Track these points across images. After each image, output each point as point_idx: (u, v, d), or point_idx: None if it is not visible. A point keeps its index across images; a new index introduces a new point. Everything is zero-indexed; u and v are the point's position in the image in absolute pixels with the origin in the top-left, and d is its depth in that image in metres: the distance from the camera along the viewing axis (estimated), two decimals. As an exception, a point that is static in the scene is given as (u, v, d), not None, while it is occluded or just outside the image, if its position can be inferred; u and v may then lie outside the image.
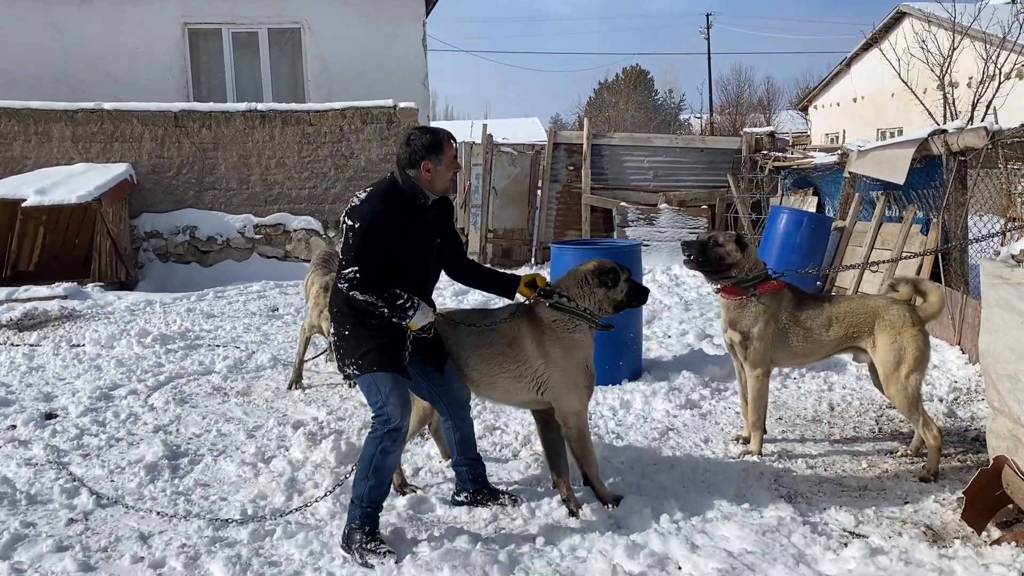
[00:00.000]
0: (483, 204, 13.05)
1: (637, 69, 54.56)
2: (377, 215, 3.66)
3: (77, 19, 14.41)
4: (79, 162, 12.45)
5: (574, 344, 4.03)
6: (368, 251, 3.65)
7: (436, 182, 3.82)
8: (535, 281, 4.11)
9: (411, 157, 3.77)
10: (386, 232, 3.68)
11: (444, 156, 3.79)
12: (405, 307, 3.71)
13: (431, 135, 3.80)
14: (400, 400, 3.75)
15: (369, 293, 3.66)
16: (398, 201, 3.75)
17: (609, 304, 4.13)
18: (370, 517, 3.75)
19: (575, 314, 4.03)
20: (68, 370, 7.08)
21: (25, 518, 4.20)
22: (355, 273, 3.62)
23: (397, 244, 3.72)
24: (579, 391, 4.06)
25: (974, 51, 12.51)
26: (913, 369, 4.50)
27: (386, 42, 15.03)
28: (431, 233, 3.89)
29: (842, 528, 3.92)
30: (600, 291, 4.08)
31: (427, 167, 3.77)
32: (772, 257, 9.35)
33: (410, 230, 3.77)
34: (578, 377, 4.05)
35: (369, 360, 3.74)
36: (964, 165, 7.50)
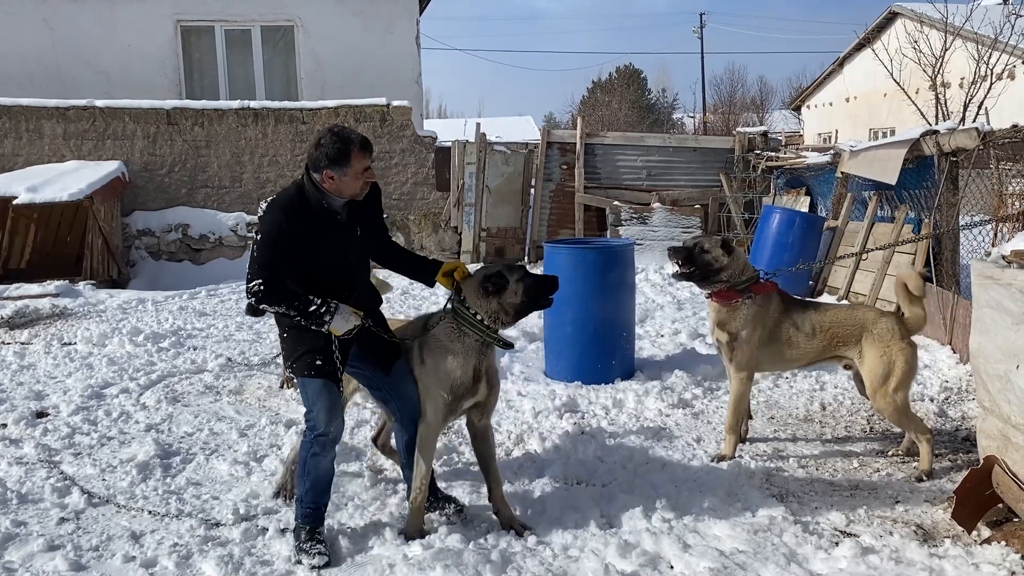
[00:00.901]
0: (476, 203, 13.04)
1: (630, 68, 54.56)
2: (278, 225, 3.54)
3: (69, 16, 14.35)
4: (71, 159, 12.40)
5: (448, 352, 3.80)
6: (271, 262, 3.53)
7: (342, 190, 3.63)
8: (454, 272, 3.92)
9: (315, 162, 3.59)
10: (290, 242, 3.54)
11: (351, 168, 3.57)
12: (320, 313, 3.56)
13: (340, 144, 3.55)
14: (326, 407, 3.68)
15: (277, 304, 3.56)
16: (301, 209, 3.59)
17: (507, 312, 3.81)
18: (311, 518, 3.76)
19: (468, 324, 3.79)
20: (59, 368, 7.05)
21: (16, 517, 4.19)
22: (259, 286, 3.51)
23: (306, 251, 3.59)
24: (435, 403, 3.81)
25: (966, 52, 12.57)
26: (901, 383, 4.52)
27: (379, 40, 15.01)
28: (344, 233, 3.70)
29: (833, 527, 3.94)
30: (491, 300, 3.78)
31: (329, 175, 3.58)
32: (764, 257, 9.38)
33: (317, 236, 3.60)
34: (440, 388, 3.79)
35: (301, 364, 3.70)
36: (956, 166, 7.53)
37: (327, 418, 3.69)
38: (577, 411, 5.71)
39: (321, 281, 3.65)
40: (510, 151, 13.77)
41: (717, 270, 4.73)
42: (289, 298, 3.56)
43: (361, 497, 4.35)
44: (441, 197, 13.26)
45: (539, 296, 3.87)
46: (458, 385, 3.81)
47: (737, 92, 51.54)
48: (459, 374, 3.80)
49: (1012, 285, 3.70)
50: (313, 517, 3.77)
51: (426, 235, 13.21)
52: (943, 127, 7.84)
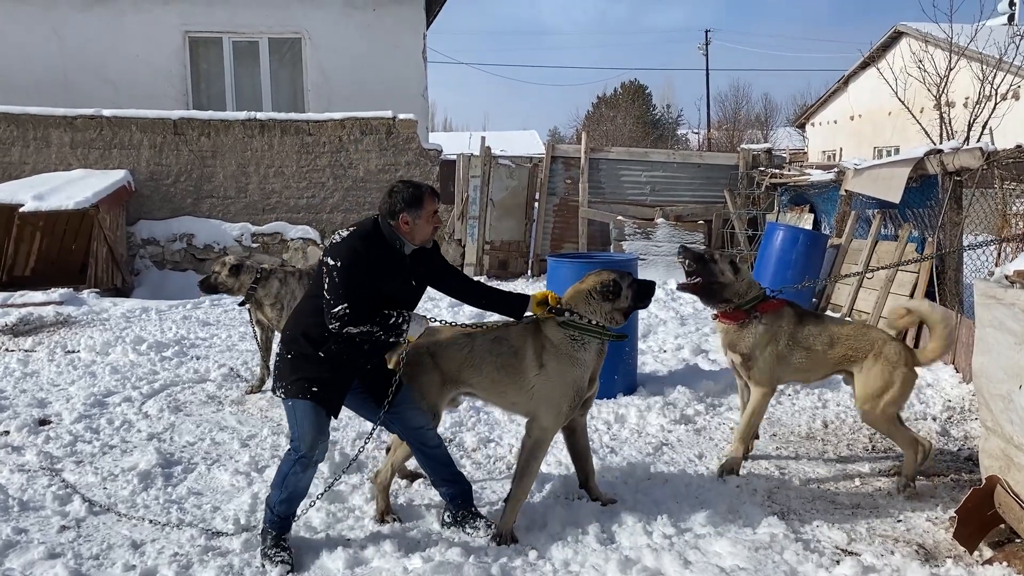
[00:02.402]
0: (480, 216, 13.07)
1: (635, 84, 54.70)
2: (357, 253, 3.76)
3: (78, 25, 14.45)
4: (77, 168, 12.44)
5: (573, 362, 4.05)
6: (354, 287, 3.73)
7: (415, 234, 3.90)
8: (547, 299, 4.18)
9: (391, 208, 3.85)
10: (364, 269, 3.77)
11: (424, 211, 3.86)
12: (399, 324, 3.82)
13: (413, 190, 3.88)
14: (314, 432, 3.81)
15: (362, 324, 3.75)
16: (376, 243, 3.85)
17: (618, 314, 4.17)
18: (278, 525, 3.87)
19: (586, 331, 4.07)
20: (62, 376, 7.06)
21: (17, 524, 4.19)
22: (345, 310, 3.70)
23: (374, 283, 3.80)
24: (558, 410, 4.05)
25: (971, 71, 12.58)
26: (892, 401, 4.59)
27: (386, 54, 15.10)
28: (407, 278, 3.96)
29: (835, 545, 3.93)
30: (607, 304, 4.11)
31: (405, 219, 3.85)
32: (768, 273, 9.38)
33: (386, 272, 3.85)
34: (564, 396, 4.04)
35: (297, 387, 3.82)
36: (960, 185, 7.54)
37: (312, 442, 3.81)
38: (579, 426, 5.70)
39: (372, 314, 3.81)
40: (514, 165, 13.82)
41: (722, 285, 4.73)
42: (372, 316, 3.76)
43: (362, 509, 4.35)
44: (445, 210, 13.29)
45: (641, 299, 4.25)
46: (581, 389, 4.08)
47: (742, 109, 51.65)
48: (582, 383, 4.07)
49: (1015, 305, 3.70)
50: (280, 524, 3.87)
51: (430, 248, 13.21)
52: (947, 146, 7.86)
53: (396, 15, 15.19)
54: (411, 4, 15.24)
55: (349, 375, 3.90)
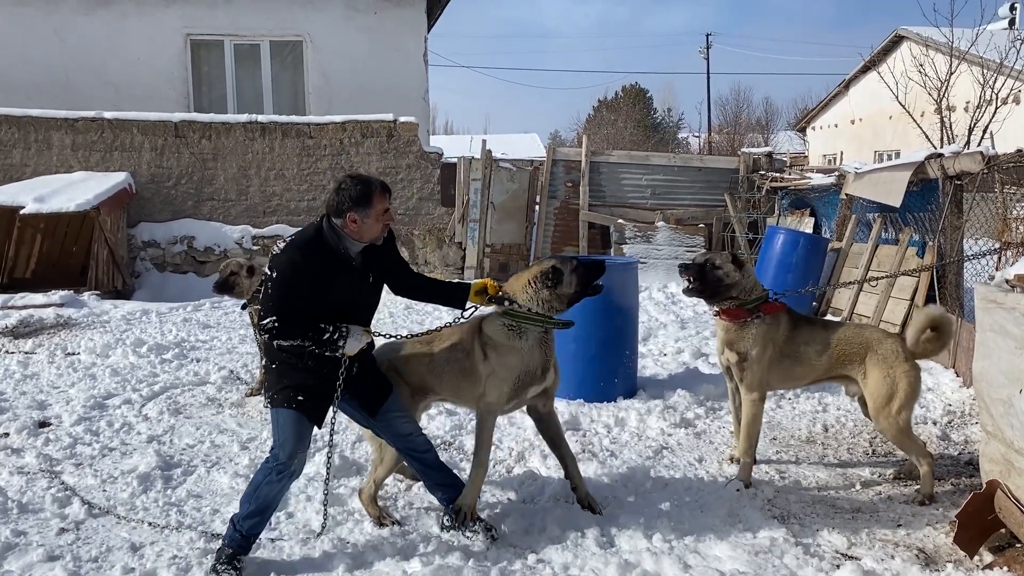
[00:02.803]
0: (481, 219, 13.07)
1: (636, 87, 54.75)
2: (294, 265, 3.62)
3: (79, 28, 14.48)
4: (78, 170, 12.47)
5: (510, 350, 4.06)
6: (285, 301, 3.62)
7: (363, 233, 3.74)
8: (486, 288, 4.15)
9: (338, 206, 3.69)
10: (305, 281, 3.63)
11: (372, 209, 3.70)
12: (334, 339, 3.69)
13: (362, 186, 3.70)
14: (295, 442, 3.73)
15: (292, 338, 3.66)
16: (317, 251, 3.69)
17: (560, 301, 4.13)
18: (239, 544, 3.73)
19: (524, 319, 4.06)
20: (62, 378, 7.06)
21: (16, 527, 4.19)
22: (273, 322, 3.61)
23: (318, 293, 3.68)
24: (499, 390, 4.05)
25: (971, 76, 12.60)
26: (904, 404, 4.49)
27: (387, 57, 15.12)
28: (357, 279, 3.83)
29: (835, 550, 3.92)
30: (545, 292, 4.08)
31: (353, 218, 3.69)
32: (768, 277, 9.38)
33: (330, 280, 3.71)
34: (504, 380, 4.05)
35: (283, 397, 3.75)
36: (960, 189, 7.54)
37: (292, 451, 3.73)
38: (579, 429, 5.71)
39: (324, 321, 3.71)
40: (515, 168, 13.82)
41: (728, 286, 4.70)
42: (302, 330, 3.65)
43: (362, 512, 4.34)
44: (446, 213, 13.30)
45: (588, 284, 4.18)
46: (524, 375, 4.08)
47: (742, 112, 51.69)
48: (523, 367, 4.07)
49: (1016, 309, 3.70)
50: (241, 544, 3.74)
51: (430, 250, 13.24)
52: (948, 150, 7.86)
53: (397, 18, 15.21)
54: (412, 7, 15.27)
55: (333, 383, 3.82)
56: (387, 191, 3.79)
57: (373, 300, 3.98)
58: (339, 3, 15.10)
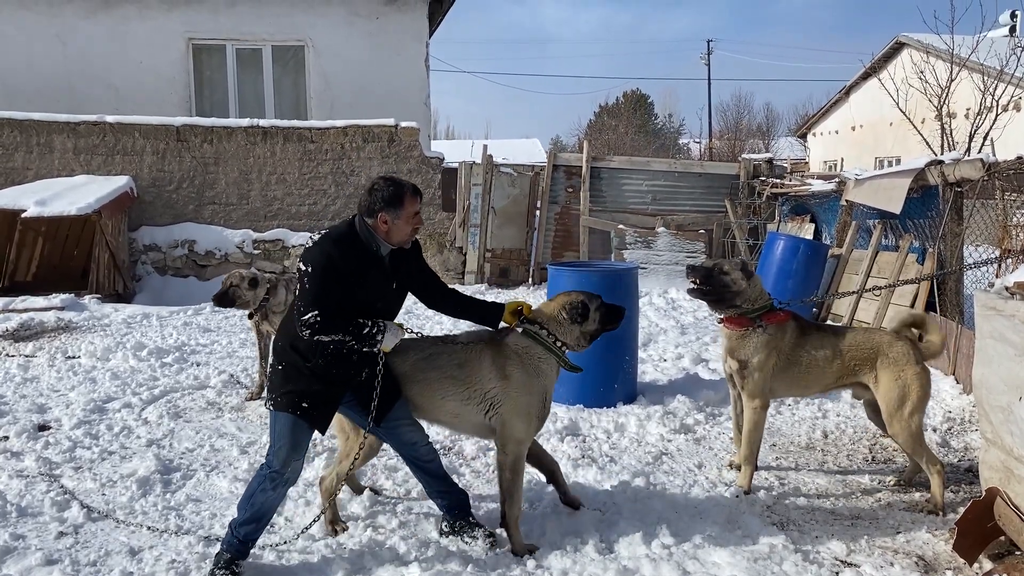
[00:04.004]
0: (482, 223, 13.09)
1: (637, 93, 54.83)
2: (330, 258, 3.65)
3: (82, 32, 14.51)
4: (80, 174, 12.48)
5: (539, 372, 3.99)
6: (326, 293, 3.63)
7: (393, 234, 3.78)
8: (521, 310, 4.11)
9: (370, 206, 3.73)
10: (339, 275, 3.67)
11: (404, 211, 3.74)
12: (373, 334, 3.71)
13: (395, 188, 3.74)
14: (290, 446, 3.70)
15: (334, 333, 3.65)
16: (351, 246, 3.73)
17: (584, 337, 4.11)
18: (236, 549, 3.72)
19: (548, 349, 4.02)
20: (63, 382, 7.06)
21: (15, 530, 4.19)
22: (315, 317, 3.60)
23: (350, 288, 3.70)
24: (529, 420, 3.97)
25: (972, 82, 12.60)
26: (917, 407, 4.48)
27: (389, 62, 15.14)
28: (385, 281, 3.85)
29: (834, 557, 3.91)
30: (574, 327, 4.06)
31: (384, 219, 3.73)
32: (768, 283, 9.35)
33: (362, 276, 3.74)
34: (532, 405, 3.96)
35: (286, 401, 3.72)
36: (960, 196, 7.55)
37: (287, 457, 3.69)
38: (578, 434, 5.70)
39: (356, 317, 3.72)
40: (516, 173, 13.83)
41: (734, 293, 4.68)
42: (344, 324, 3.67)
43: (362, 517, 4.35)
44: (447, 217, 13.31)
45: (608, 322, 4.17)
46: (548, 402, 4.04)
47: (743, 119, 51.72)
48: (547, 394, 4.02)
49: (1015, 316, 3.70)
50: (239, 549, 3.73)
51: (431, 255, 13.25)
52: (948, 157, 7.86)
53: (399, 23, 15.24)
54: (414, 12, 15.30)
55: (341, 388, 3.82)
56: (418, 194, 3.84)
57: (395, 307, 3.99)
58: (341, 8, 15.14)
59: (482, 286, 12.79)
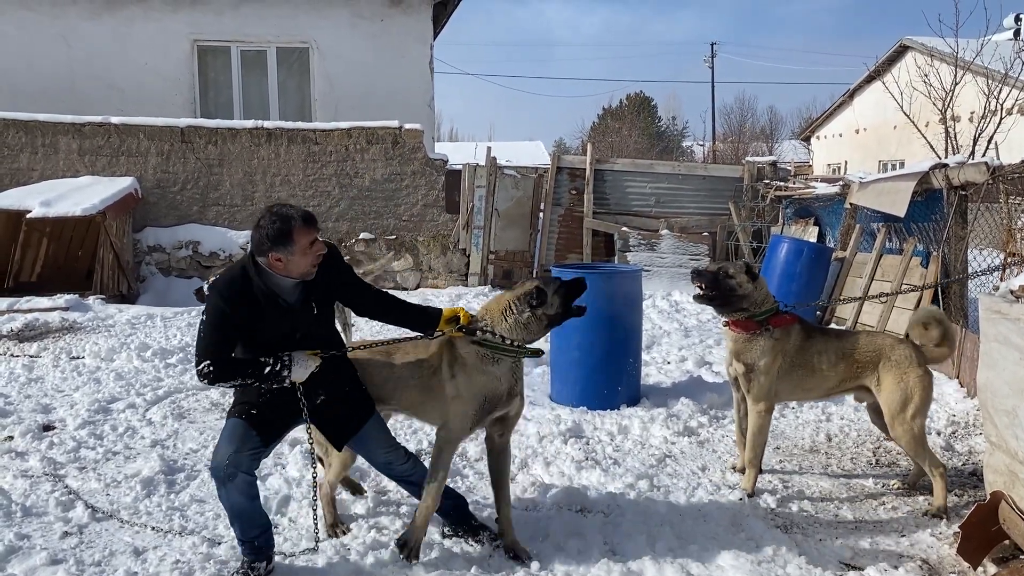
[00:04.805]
0: (485, 226, 13.10)
1: (641, 96, 54.90)
2: (219, 310, 3.48)
3: (86, 33, 14.54)
4: (85, 175, 12.51)
5: (482, 372, 3.84)
6: (215, 343, 3.48)
7: (291, 269, 3.53)
8: (457, 317, 3.89)
9: (259, 245, 3.49)
10: (232, 324, 3.49)
11: (295, 246, 3.47)
12: (277, 371, 3.53)
13: (280, 223, 3.46)
14: (227, 443, 3.59)
15: (231, 379, 3.52)
16: (243, 291, 3.51)
17: (541, 323, 3.88)
18: (245, 551, 3.70)
19: (496, 349, 3.83)
20: (67, 382, 7.08)
21: (20, 530, 4.19)
22: (208, 367, 3.45)
23: (250, 333, 3.55)
24: (465, 416, 3.83)
25: (976, 86, 12.62)
26: (919, 410, 4.47)
27: (393, 64, 15.17)
28: (291, 316, 3.62)
29: (838, 560, 3.91)
30: (528, 313, 3.84)
31: (276, 257, 3.49)
32: (772, 286, 9.30)
33: (260, 320, 3.54)
34: (471, 404, 3.83)
35: (238, 410, 3.67)
36: (965, 199, 7.54)
37: (223, 454, 3.58)
38: (582, 436, 5.70)
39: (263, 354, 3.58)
40: (520, 175, 13.86)
41: (740, 297, 4.66)
42: (240, 368, 3.52)
43: (365, 518, 4.35)
44: (450, 219, 13.32)
45: (570, 305, 3.92)
46: (491, 400, 3.86)
47: (747, 121, 51.79)
48: (491, 391, 3.85)
49: (1020, 320, 3.70)
50: (247, 551, 3.69)
51: (435, 257, 13.27)
52: (952, 161, 7.86)
53: (403, 25, 15.27)
54: (418, 15, 15.32)
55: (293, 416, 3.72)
56: (309, 223, 3.53)
57: (320, 331, 3.77)
58: (345, 10, 15.17)
59: (485, 288, 12.80)
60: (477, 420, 3.87)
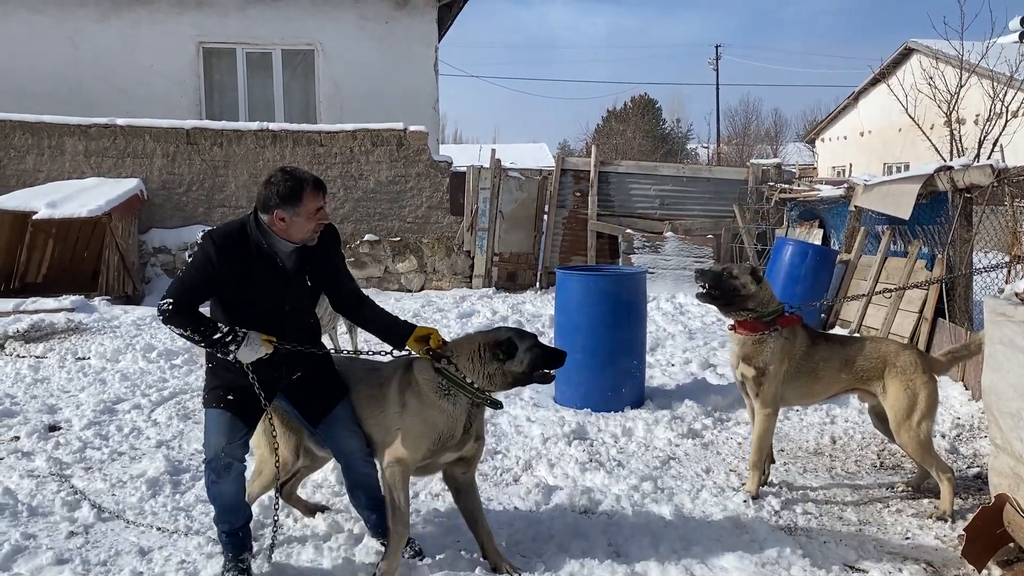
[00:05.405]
0: (490, 227, 13.11)
1: (645, 98, 54.80)
2: (207, 258, 3.43)
3: (93, 35, 14.60)
4: (91, 176, 12.55)
5: (434, 406, 3.63)
6: (188, 289, 3.44)
7: (292, 232, 3.49)
8: (429, 338, 3.71)
9: (265, 202, 3.45)
10: (215, 277, 3.45)
11: (303, 207, 3.45)
12: (225, 341, 3.42)
13: (293, 182, 3.44)
14: (218, 434, 3.54)
15: (182, 327, 3.42)
16: (235, 247, 3.46)
17: (504, 378, 3.64)
18: (230, 543, 3.67)
19: (457, 385, 3.62)
20: (73, 383, 7.10)
21: (26, 530, 4.21)
22: (168, 305, 3.39)
23: (233, 291, 3.50)
24: (413, 447, 3.61)
25: (981, 88, 12.58)
26: (925, 416, 4.46)
27: (398, 66, 15.20)
28: (282, 281, 3.57)
29: (842, 562, 3.91)
30: (493, 365, 3.61)
31: (280, 216, 3.44)
32: (777, 288, 9.27)
33: (250, 278, 3.49)
34: (422, 435, 3.61)
35: (212, 396, 3.61)
36: (970, 202, 7.53)
37: (215, 447, 3.54)
38: (586, 438, 5.71)
39: (245, 322, 3.52)
40: (524, 177, 13.86)
41: (744, 297, 4.64)
42: (195, 322, 3.44)
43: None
44: (455, 221, 13.34)
45: (541, 367, 3.65)
46: (445, 437, 3.65)
47: (751, 124, 51.76)
48: (443, 429, 3.64)
49: (1025, 323, 3.69)
50: (232, 542, 3.67)
51: (439, 259, 13.28)
52: (958, 163, 7.84)
53: (408, 28, 15.30)
54: (423, 17, 15.35)
55: (267, 388, 3.62)
56: (320, 188, 3.53)
57: (306, 305, 3.74)
58: (351, 12, 15.20)
59: (489, 290, 12.81)
60: (430, 454, 3.65)
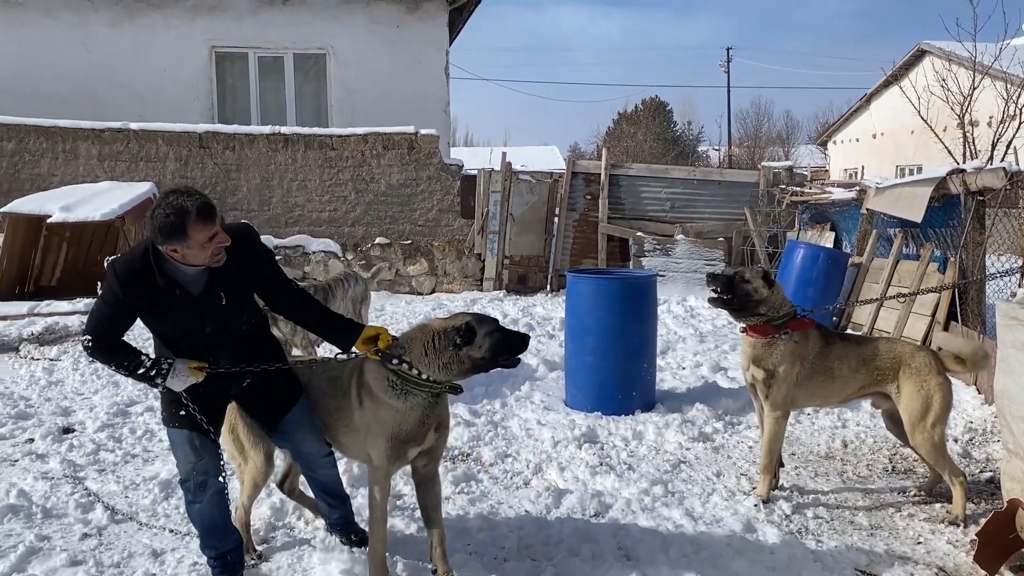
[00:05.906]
0: (500, 230, 13.13)
1: (656, 100, 54.75)
2: (112, 290, 3.30)
3: (107, 40, 14.72)
4: (104, 180, 12.62)
5: (384, 405, 3.52)
6: (102, 322, 3.35)
7: (190, 259, 3.26)
8: (376, 338, 3.56)
9: (152, 236, 3.25)
10: (125, 308, 3.32)
11: (190, 240, 3.19)
12: (151, 375, 3.37)
13: (174, 216, 3.16)
14: (185, 453, 3.47)
15: (105, 361, 3.39)
16: (142, 275, 3.29)
17: (461, 365, 3.47)
18: (218, 568, 3.63)
19: (409, 382, 3.49)
20: (86, 385, 7.16)
21: (40, 531, 4.25)
22: (88, 341, 3.35)
23: (147, 319, 3.40)
24: (376, 448, 3.54)
25: (995, 90, 12.52)
26: (939, 418, 4.43)
27: (409, 69, 15.25)
28: (193, 304, 3.38)
29: (853, 567, 3.90)
30: (450, 352, 3.44)
31: (172, 248, 3.23)
32: (788, 292, 9.21)
33: (155, 306, 3.34)
34: (380, 434, 3.52)
35: (168, 415, 3.56)
36: (982, 204, 7.49)
37: (187, 464, 3.47)
38: (596, 442, 5.71)
39: (174, 348, 3.48)
40: (535, 180, 13.88)
41: (756, 302, 4.62)
42: (118, 356, 3.37)
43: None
44: (466, 224, 13.37)
45: (503, 352, 3.48)
46: (401, 433, 3.53)
47: (763, 126, 51.63)
48: (398, 427, 3.52)
49: (1037, 327, 3.68)
50: (221, 567, 3.61)
51: (449, 261, 13.31)
52: (970, 166, 7.81)
53: (419, 31, 15.36)
54: (434, 20, 15.40)
55: (218, 398, 3.60)
56: (207, 216, 3.22)
57: (233, 321, 3.52)
58: (362, 16, 15.27)
59: (500, 292, 12.83)
60: (393, 453, 3.54)
